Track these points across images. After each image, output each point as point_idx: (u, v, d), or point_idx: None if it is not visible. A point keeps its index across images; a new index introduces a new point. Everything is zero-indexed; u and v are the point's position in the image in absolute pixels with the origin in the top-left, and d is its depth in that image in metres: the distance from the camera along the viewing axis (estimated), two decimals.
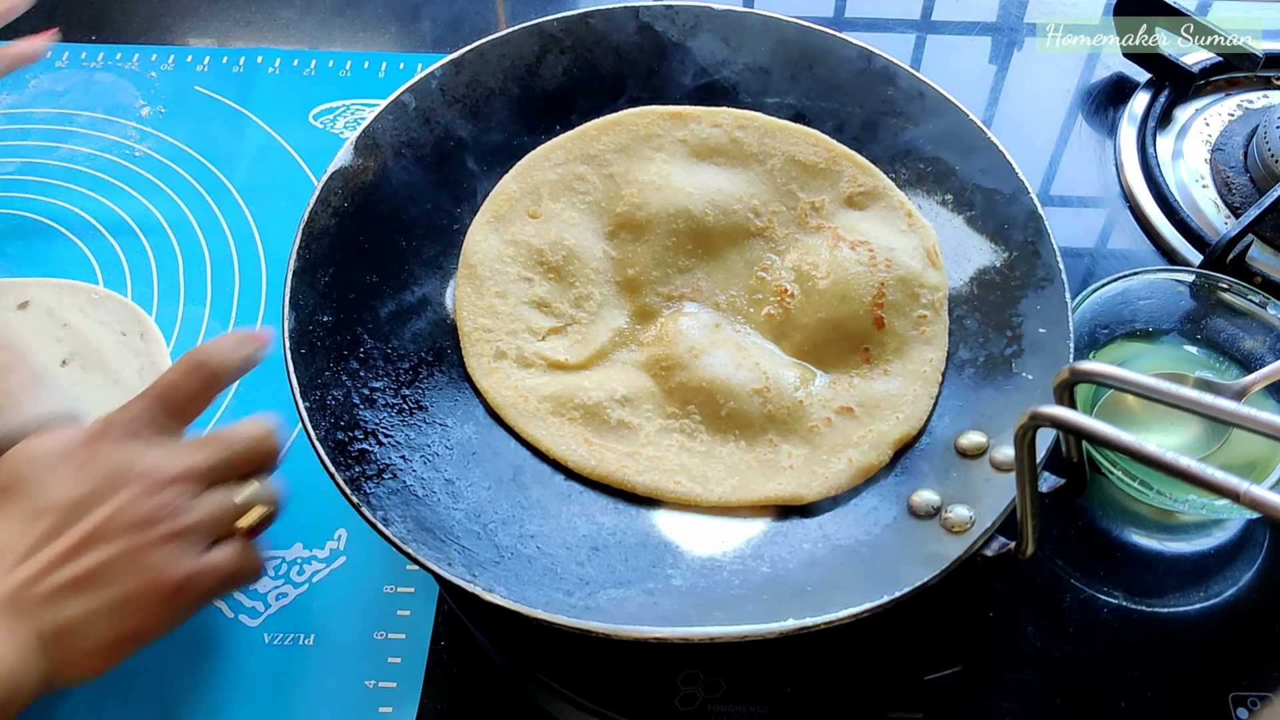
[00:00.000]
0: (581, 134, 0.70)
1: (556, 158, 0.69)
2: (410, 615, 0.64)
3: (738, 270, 0.66)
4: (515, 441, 0.60)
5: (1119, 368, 0.43)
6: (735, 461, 0.59)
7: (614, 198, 0.67)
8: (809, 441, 0.59)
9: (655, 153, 0.69)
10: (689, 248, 0.66)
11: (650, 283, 0.65)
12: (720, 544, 0.56)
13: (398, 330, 0.62)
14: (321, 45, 0.96)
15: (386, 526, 0.51)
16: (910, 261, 0.64)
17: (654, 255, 0.66)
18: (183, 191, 0.85)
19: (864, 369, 0.62)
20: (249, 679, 0.62)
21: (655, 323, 0.64)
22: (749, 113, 0.71)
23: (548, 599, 0.50)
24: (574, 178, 0.68)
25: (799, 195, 0.68)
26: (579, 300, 0.65)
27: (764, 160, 0.69)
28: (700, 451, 0.59)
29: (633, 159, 0.69)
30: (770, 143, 0.69)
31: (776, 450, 0.59)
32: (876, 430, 0.59)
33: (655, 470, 0.58)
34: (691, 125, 0.70)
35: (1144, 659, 0.61)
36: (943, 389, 0.61)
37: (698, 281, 0.66)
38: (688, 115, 0.70)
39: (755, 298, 0.65)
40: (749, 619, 0.49)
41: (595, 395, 0.60)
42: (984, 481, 0.53)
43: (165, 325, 0.77)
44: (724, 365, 0.61)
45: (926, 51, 0.96)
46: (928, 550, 0.51)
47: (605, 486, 0.58)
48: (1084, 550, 0.66)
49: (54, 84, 0.92)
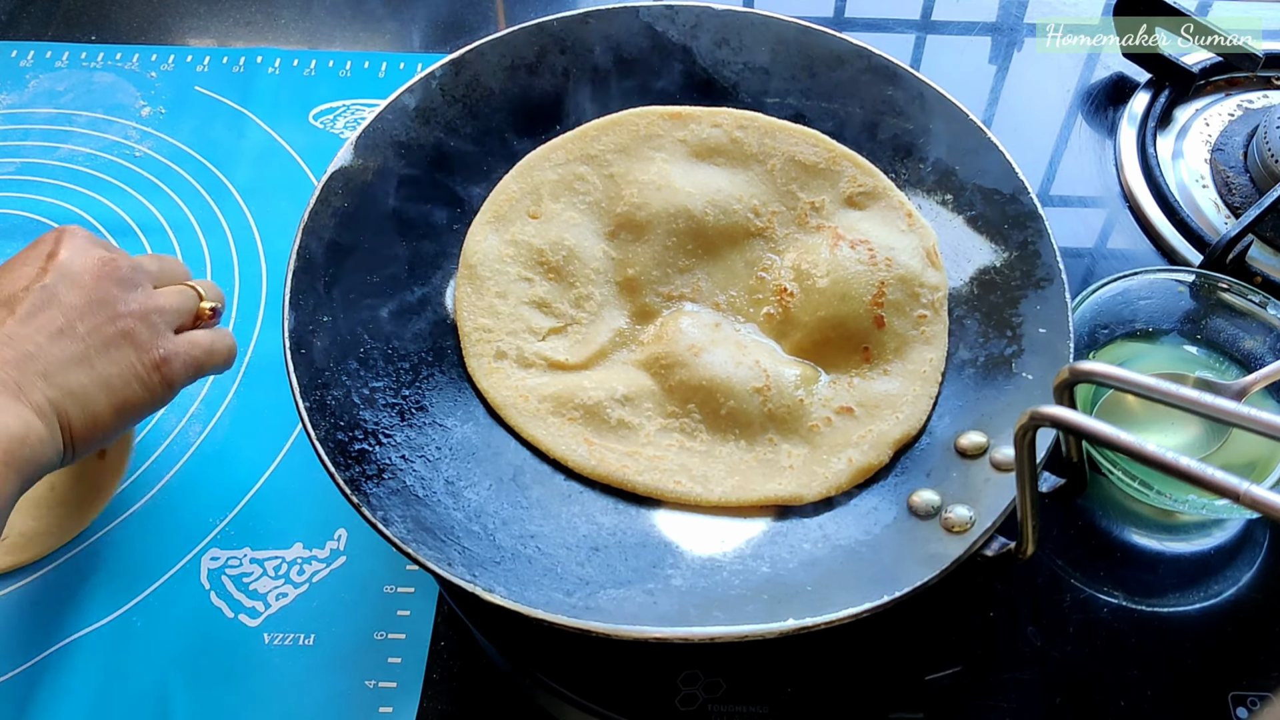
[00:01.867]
0: (581, 134, 0.70)
1: (556, 158, 0.69)
2: (410, 615, 0.64)
3: (738, 270, 0.66)
4: (515, 441, 0.60)
5: (1119, 368, 0.43)
6: (735, 461, 0.59)
7: (614, 198, 0.67)
8: (809, 441, 0.59)
9: (655, 153, 0.69)
10: (689, 247, 0.66)
11: (650, 282, 0.65)
12: (720, 544, 0.56)
13: (398, 330, 0.62)
14: (322, 45, 0.96)
15: (386, 527, 0.51)
16: (910, 261, 0.64)
17: (654, 255, 0.66)
18: (183, 192, 0.85)
19: (864, 369, 0.62)
20: (249, 679, 0.62)
21: (655, 322, 0.64)
22: (749, 113, 0.71)
23: (548, 599, 0.50)
24: (574, 178, 0.68)
25: (799, 195, 0.68)
26: (579, 300, 0.65)
27: (764, 160, 0.69)
28: (700, 451, 0.59)
29: (633, 159, 0.69)
30: (770, 143, 0.69)
31: (776, 450, 0.59)
32: (876, 430, 0.59)
33: (655, 470, 0.58)
34: (692, 125, 0.70)
35: (1144, 659, 0.61)
36: (943, 389, 0.61)
37: (698, 281, 0.66)
38: (688, 115, 0.70)
39: (755, 297, 0.65)
40: (749, 619, 0.48)
41: (595, 395, 0.60)
42: (984, 481, 0.53)
43: None
44: (724, 363, 0.61)
45: (926, 51, 0.96)
46: (928, 550, 0.51)
47: (605, 486, 0.58)
48: (1084, 550, 0.66)
49: (54, 84, 0.92)
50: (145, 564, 0.66)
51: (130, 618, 0.64)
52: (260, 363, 0.75)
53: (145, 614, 0.64)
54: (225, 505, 0.68)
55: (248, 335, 0.76)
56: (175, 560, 0.66)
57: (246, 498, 0.69)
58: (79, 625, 0.63)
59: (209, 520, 0.68)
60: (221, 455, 0.71)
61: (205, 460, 0.71)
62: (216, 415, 0.73)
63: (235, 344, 0.64)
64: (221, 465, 0.70)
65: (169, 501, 0.69)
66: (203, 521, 0.68)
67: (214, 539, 0.67)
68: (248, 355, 0.75)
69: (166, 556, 0.66)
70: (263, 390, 0.73)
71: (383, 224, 0.64)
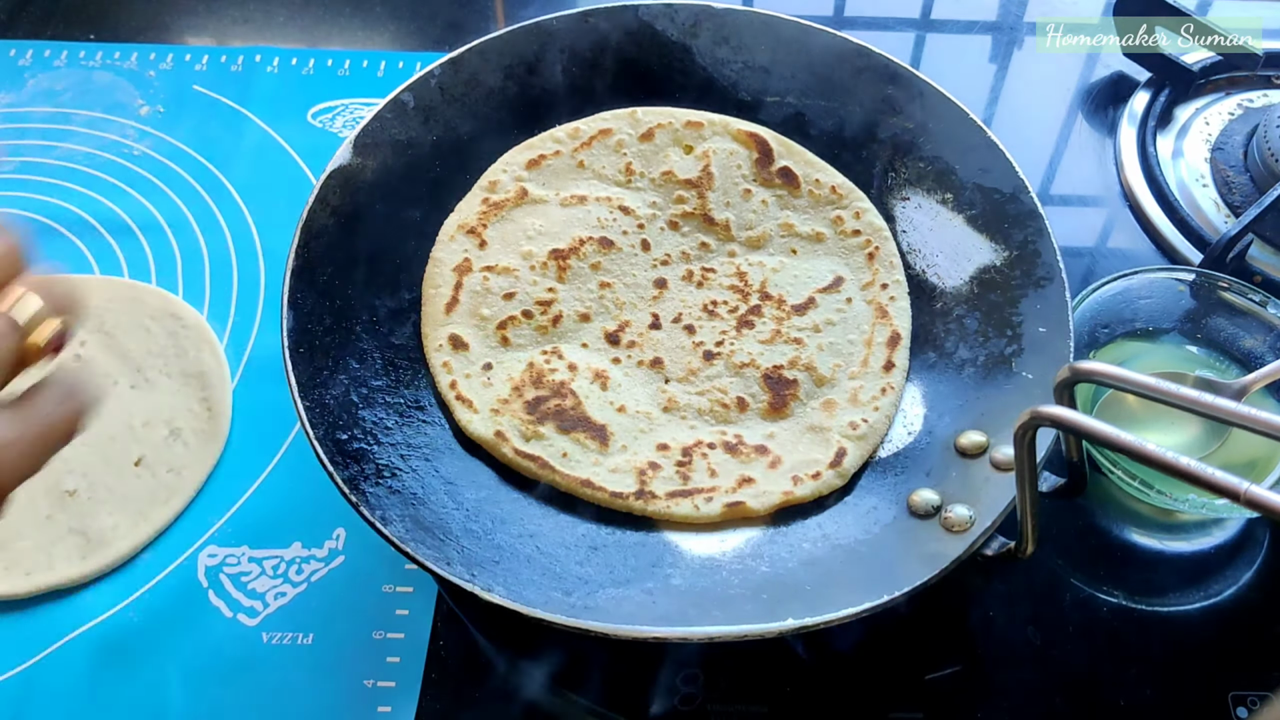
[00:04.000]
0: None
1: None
2: (409, 615, 0.63)
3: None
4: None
5: (1119, 367, 0.43)
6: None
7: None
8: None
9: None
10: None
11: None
12: (720, 543, 0.56)
13: (397, 329, 0.62)
14: (320, 44, 0.96)
15: (385, 526, 0.51)
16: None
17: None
18: (181, 191, 0.84)
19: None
20: (247, 678, 0.61)
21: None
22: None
23: (547, 598, 0.50)
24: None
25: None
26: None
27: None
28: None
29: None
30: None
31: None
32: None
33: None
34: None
35: (1144, 658, 0.61)
36: (943, 388, 0.61)
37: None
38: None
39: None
40: (749, 618, 0.48)
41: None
42: (984, 481, 0.53)
43: None
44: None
45: (926, 50, 0.96)
46: (927, 550, 0.51)
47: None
48: (1084, 550, 0.65)
49: (52, 83, 0.92)
50: (141, 560, 0.66)
51: (127, 615, 0.64)
52: (258, 361, 0.75)
53: (142, 611, 0.64)
54: (223, 503, 0.68)
55: (246, 333, 0.76)
56: (173, 557, 0.66)
57: (245, 496, 0.68)
58: (75, 624, 0.63)
59: (206, 518, 0.67)
60: (219, 452, 0.70)
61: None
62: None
63: (85, 403, 0.41)
64: (219, 463, 0.70)
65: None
66: (200, 518, 0.67)
67: (211, 536, 0.67)
68: (246, 354, 0.75)
69: (163, 552, 0.66)
70: (261, 388, 0.73)
71: (381, 223, 0.64)
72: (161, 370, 0.72)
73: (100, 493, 0.67)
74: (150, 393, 0.71)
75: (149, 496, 0.67)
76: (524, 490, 0.57)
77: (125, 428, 0.70)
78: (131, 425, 0.70)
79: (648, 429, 0.60)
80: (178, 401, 0.71)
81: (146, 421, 0.70)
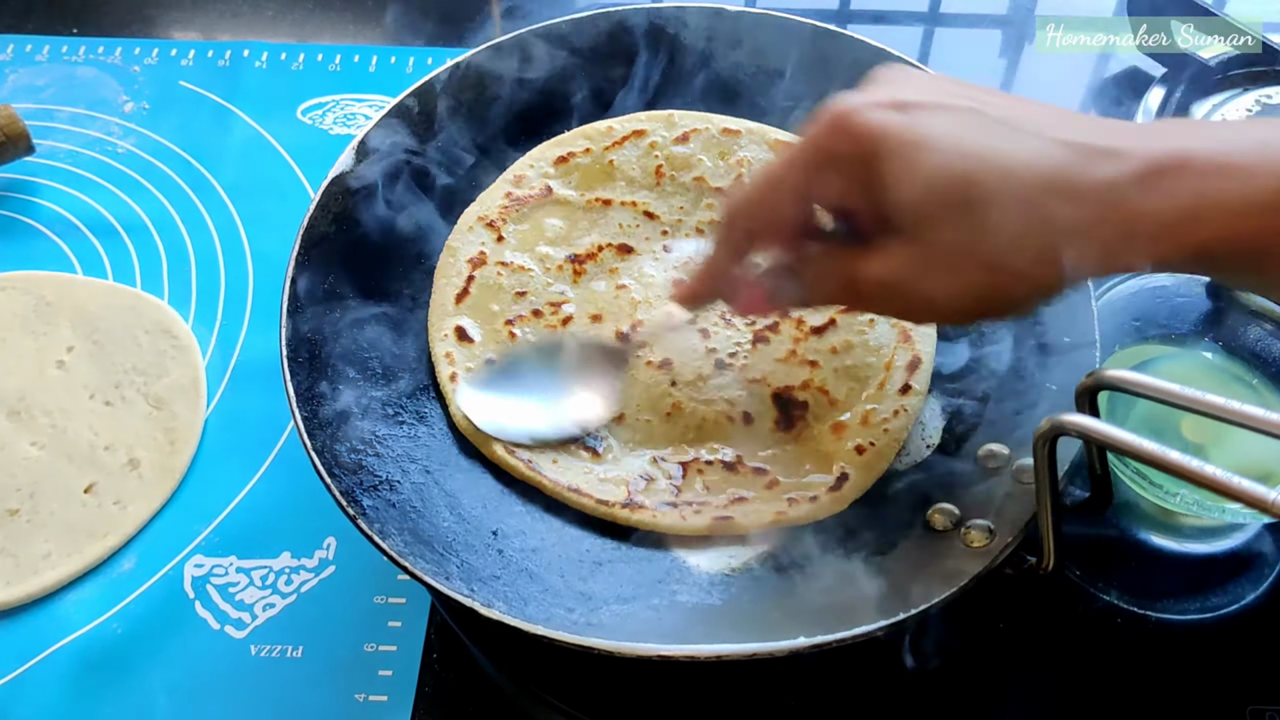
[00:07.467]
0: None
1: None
2: (402, 626, 0.63)
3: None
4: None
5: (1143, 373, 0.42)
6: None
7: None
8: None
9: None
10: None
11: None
12: (728, 559, 0.55)
13: (398, 339, 0.62)
14: (310, 38, 0.95)
15: (383, 540, 0.50)
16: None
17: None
18: (167, 189, 0.84)
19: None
20: (236, 692, 0.61)
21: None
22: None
23: (548, 615, 0.50)
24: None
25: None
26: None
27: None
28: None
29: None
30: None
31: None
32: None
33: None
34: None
35: (1159, 669, 0.60)
36: (963, 399, 0.60)
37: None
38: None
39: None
40: (758, 636, 0.47)
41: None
42: (1005, 495, 0.52)
43: None
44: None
45: (935, 45, 0.95)
46: (946, 566, 0.50)
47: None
48: (1098, 556, 0.64)
49: (34, 78, 0.91)
50: (125, 570, 0.65)
51: (111, 626, 0.63)
52: (247, 365, 0.74)
53: (127, 623, 0.63)
54: (209, 512, 0.67)
55: (234, 336, 0.75)
56: (158, 567, 0.65)
57: (232, 505, 0.68)
58: (56, 636, 0.62)
59: (193, 526, 0.67)
60: (206, 459, 0.69)
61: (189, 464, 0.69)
62: (210, 410, 0.72)
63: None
64: (205, 470, 0.69)
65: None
66: (186, 527, 0.67)
67: (198, 545, 0.66)
68: (234, 358, 0.74)
69: (148, 562, 0.65)
70: (250, 394, 0.72)
71: (383, 230, 0.64)
72: (139, 389, 0.71)
73: (42, 516, 0.66)
74: (121, 413, 0.70)
75: (87, 530, 0.66)
76: (527, 504, 0.57)
77: (88, 447, 0.68)
78: (94, 446, 0.69)
79: (646, 439, 0.59)
80: (144, 429, 0.69)
81: (109, 445, 0.69)
